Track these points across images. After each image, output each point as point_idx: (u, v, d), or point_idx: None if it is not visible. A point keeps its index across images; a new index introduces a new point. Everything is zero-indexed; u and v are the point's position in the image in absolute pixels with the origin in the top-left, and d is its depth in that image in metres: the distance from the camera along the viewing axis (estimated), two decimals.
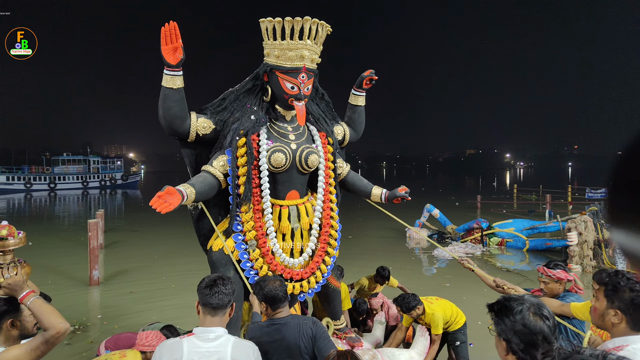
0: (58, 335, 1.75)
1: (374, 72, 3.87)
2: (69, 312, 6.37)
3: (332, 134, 3.71)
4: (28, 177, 40.51)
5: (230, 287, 1.94)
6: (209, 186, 3.15)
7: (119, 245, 12.35)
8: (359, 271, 8.52)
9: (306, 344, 2.34)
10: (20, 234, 1.87)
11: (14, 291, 1.77)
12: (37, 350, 1.72)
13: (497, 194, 29.98)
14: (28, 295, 1.78)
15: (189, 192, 2.91)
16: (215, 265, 3.27)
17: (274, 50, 3.23)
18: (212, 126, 3.29)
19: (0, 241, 1.80)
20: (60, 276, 8.72)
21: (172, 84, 2.99)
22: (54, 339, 1.74)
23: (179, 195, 2.78)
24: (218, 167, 3.22)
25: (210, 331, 1.85)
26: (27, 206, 27.36)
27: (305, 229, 3.44)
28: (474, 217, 14.12)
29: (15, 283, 1.77)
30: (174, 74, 2.97)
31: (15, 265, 1.81)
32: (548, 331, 1.39)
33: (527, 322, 1.40)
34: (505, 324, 1.43)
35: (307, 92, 3.32)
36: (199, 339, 1.82)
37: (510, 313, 1.43)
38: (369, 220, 15.39)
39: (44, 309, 1.77)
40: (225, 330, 1.90)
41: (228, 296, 1.91)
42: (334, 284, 3.74)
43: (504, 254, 10.95)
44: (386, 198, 3.78)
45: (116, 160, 51.44)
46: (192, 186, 2.98)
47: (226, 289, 1.91)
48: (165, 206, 2.67)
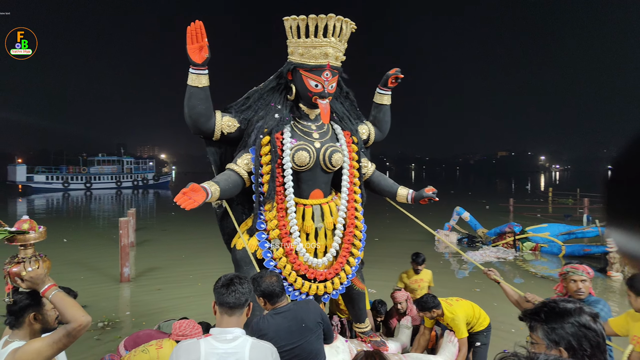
0: (80, 328, 1.74)
1: (400, 70, 3.77)
2: (100, 308, 6.53)
3: (357, 132, 3.65)
4: (66, 177, 42.01)
5: (247, 286, 1.89)
6: (233, 184, 3.15)
7: (150, 243, 12.61)
8: (383, 274, 8.42)
9: (317, 319, 2.39)
10: (41, 229, 1.88)
11: (36, 284, 1.78)
12: (59, 343, 1.72)
13: (530, 198, 29.12)
14: (50, 289, 1.78)
15: (213, 190, 2.92)
16: (239, 264, 3.26)
17: (298, 48, 3.19)
18: (236, 125, 3.29)
19: (21, 235, 1.81)
20: (94, 272, 8.95)
21: (198, 82, 3.00)
22: (75, 332, 1.74)
23: (203, 193, 2.80)
24: (242, 166, 3.21)
25: (228, 332, 1.81)
26: (64, 205, 28.35)
27: (329, 229, 3.39)
28: (506, 220, 13.72)
29: (37, 276, 1.77)
30: (200, 72, 2.99)
31: (37, 259, 1.82)
32: (602, 333, 1.26)
33: (585, 322, 1.25)
34: (564, 329, 1.26)
35: (331, 90, 3.27)
36: (216, 339, 1.78)
37: (569, 316, 1.27)
38: (397, 222, 15.18)
39: (66, 302, 1.77)
40: (242, 330, 1.86)
41: (245, 295, 1.86)
42: (359, 286, 3.66)
43: (538, 260, 10.56)
44: (412, 199, 3.67)
45: (148, 161, 52.78)
46: (217, 184, 2.99)
47: (243, 288, 1.86)
48: (189, 203, 2.69)
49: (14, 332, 1.83)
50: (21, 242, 1.82)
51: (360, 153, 3.60)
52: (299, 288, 3.23)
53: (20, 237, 1.81)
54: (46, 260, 1.86)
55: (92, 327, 5.70)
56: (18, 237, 1.81)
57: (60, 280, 1.86)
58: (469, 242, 12.26)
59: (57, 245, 11.95)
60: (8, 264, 1.80)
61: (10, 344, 1.76)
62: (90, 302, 6.75)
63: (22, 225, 1.83)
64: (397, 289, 4.59)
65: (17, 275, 1.76)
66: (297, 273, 3.23)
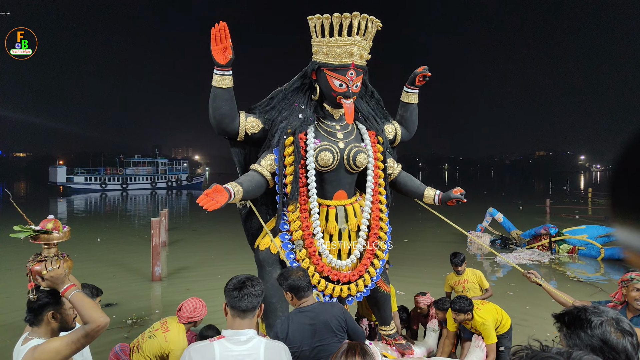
0: (98, 329, 1.77)
1: (427, 68, 3.68)
2: (131, 305, 6.69)
3: (383, 132, 3.58)
4: (103, 178, 43.52)
5: (259, 288, 1.87)
6: (257, 185, 3.15)
7: (181, 243, 12.84)
8: (412, 276, 8.29)
9: (340, 323, 2.33)
10: (65, 228, 1.91)
11: (56, 284, 1.81)
12: (77, 343, 1.75)
13: (569, 199, 28.08)
14: (70, 289, 1.81)
15: (237, 191, 2.93)
16: (262, 265, 3.25)
17: (322, 48, 3.16)
18: (260, 125, 3.29)
19: (45, 234, 1.85)
20: (127, 271, 9.19)
21: (222, 83, 3.02)
22: (94, 332, 1.76)
23: (226, 193, 2.80)
24: (266, 166, 3.21)
25: (242, 334, 1.79)
26: (102, 205, 29.32)
27: (353, 230, 3.35)
28: (542, 222, 13.26)
29: (58, 276, 1.81)
30: (224, 73, 3.00)
31: (59, 258, 1.85)
32: (632, 350, 1.18)
33: (609, 338, 1.18)
34: (580, 338, 1.22)
35: (356, 90, 3.22)
36: (230, 341, 1.77)
37: (587, 326, 1.22)
38: (428, 223, 14.91)
39: (85, 303, 1.79)
40: (255, 331, 1.84)
41: (257, 297, 1.85)
42: (384, 288, 3.60)
43: (576, 263, 10.16)
44: (440, 200, 3.57)
45: (182, 162, 54.03)
46: (240, 185, 2.99)
47: (255, 290, 1.84)
48: (212, 204, 2.69)
49: (34, 330, 1.87)
50: (44, 241, 1.85)
51: (385, 153, 3.54)
52: (322, 290, 3.19)
53: (44, 236, 1.85)
54: (68, 260, 1.90)
55: (122, 324, 5.84)
56: (42, 236, 1.85)
57: (93, 279, 1.90)
58: (502, 244, 11.92)
59: (92, 244, 12.37)
60: (31, 261, 1.84)
61: (29, 341, 1.80)
62: (121, 299, 6.94)
63: (46, 225, 1.87)
64: (422, 293, 4.44)
65: (38, 273, 1.80)
66: (320, 275, 3.20)
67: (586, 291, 7.60)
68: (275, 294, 3.09)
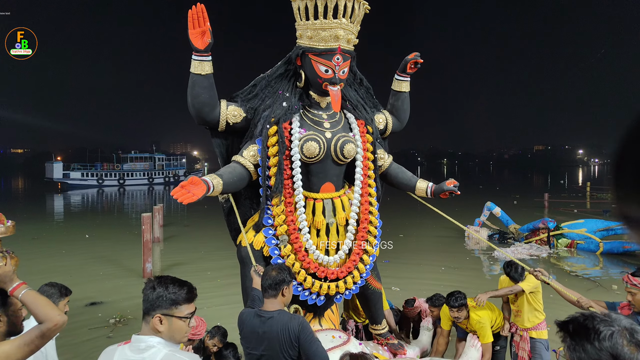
0: (55, 328, 1.64)
1: (419, 54, 3.50)
2: (117, 304, 6.54)
3: (372, 122, 3.42)
4: (100, 174, 43.28)
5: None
6: (239, 177, 3.00)
7: (175, 239, 12.70)
8: (408, 272, 8.16)
9: (292, 339, 2.13)
10: (9, 223, 1.75)
11: (4, 283, 1.66)
12: (30, 345, 1.61)
13: (567, 193, 27.94)
14: (20, 287, 1.66)
15: (216, 183, 2.78)
16: (244, 262, 3.11)
17: (307, 31, 3.00)
18: (242, 114, 3.13)
19: None
20: (118, 268, 9.06)
21: (201, 69, 2.88)
22: (50, 332, 1.63)
23: (204, 186, 2.66)
24: (248, 157, 3.06)
25: (143, 340, 1.61)
26: (98, 200, 29.14)
27: (342, 225, 3.19)
28: (540, 216, 13.14)
29: (5, 274, 1.66)
30: (202, 59, 2.86)
31: (4, 255, 1.69)
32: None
33: (620, 352, 1.02)
34: (586, 351, 1.06)
35: (343, 76, 3.04)
36: (130, 348, 1.61)
37: (594, 337, 1.06)
38: (425, 217, 14.75)
39: (39, 301, 1.65)
40: (160, 340, 1.62)
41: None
42: (374, 285, 3.46)
43: (574, 257, 10.06)
44: (432, 192, 3.40)
45: (180, 158, 53.82)
46: (220, 177, 2.85)
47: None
48: (188, 196, 2.56)
49: None
50: None
51: (375, 144, 3.38)
52: (308, 287, 3.04)
53: None
54: (14, 257, 1.74)
55: (105, 323, 5.69)
56: None
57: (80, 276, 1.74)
58: (500, 239, 11.81)
59: (82, 240, 12.23)
60: None
61: None
62: (108, 298, 6.78)
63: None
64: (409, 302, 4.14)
65: None
66: (306, 271, 3.04)
67: (584, 286, 7.48)
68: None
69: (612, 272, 8.73)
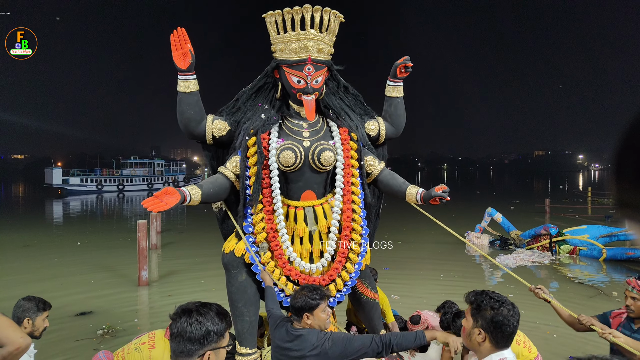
0: (17, 352, 1.51)
1: (409, 58, 3.46)
2: (108, 314, 6.34)
3: (357, 129, 3.41)
4: (99, 179, 43.30)
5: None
6: (220, 187, 3.12)
7: (173, 246, 12.53)
8: (406, 280, 8.03)
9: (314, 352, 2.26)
10: None
11: None
12: None
13: (568, 198, 27.80)
14: None
15: (194, 193, 2.88)
16: (227, 268, 3.17)
17: (279, 44, 3.12)
18: (227, 127, 3.28)
19: None
20: (113, 276, 8.86)
21: (185, 87, 3.04)
22: (12, 356, 1.50)
23: (178, 195, 2.74)
24: (230, 168, 3.17)
25: None
26: (97, 206, 29.06)
27: (324, 232, 3.19)
28: (541, 222, 13.00)
29: None
30: (187, 78, 3.04)
31: None
32: None
33: None
34: None
35: (317, 85, 3.12)
36: None
37: None
38: (424, 223, 14.54)
39: (0, 323, 1.51)
40: None
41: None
42: (368, 295, 3.39)
43: (577, 264, 9.88)
44: (422, 198, 3.25)
45: (180, 163, 53.88)
46: (200, 187, 2.97)
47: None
48: (160, 205, 2.60)
49: None
50: None
51: (362, 150, 3.35)
52: (290, 295, 3.01)
53: None
54: None
55: (92, 335, 5.51)
56: None
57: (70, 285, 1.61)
58: (501, 245, 11.65)
59: (75, 246, 12.10)
60: None
61: None
62: (99, 307, 6.59)
63: None
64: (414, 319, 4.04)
65: None
66: (288, 278, 3.07)
67: (586, 293, 7.33)
68: (241, 298, 3.08)
69: (615, 279, 8.59)
